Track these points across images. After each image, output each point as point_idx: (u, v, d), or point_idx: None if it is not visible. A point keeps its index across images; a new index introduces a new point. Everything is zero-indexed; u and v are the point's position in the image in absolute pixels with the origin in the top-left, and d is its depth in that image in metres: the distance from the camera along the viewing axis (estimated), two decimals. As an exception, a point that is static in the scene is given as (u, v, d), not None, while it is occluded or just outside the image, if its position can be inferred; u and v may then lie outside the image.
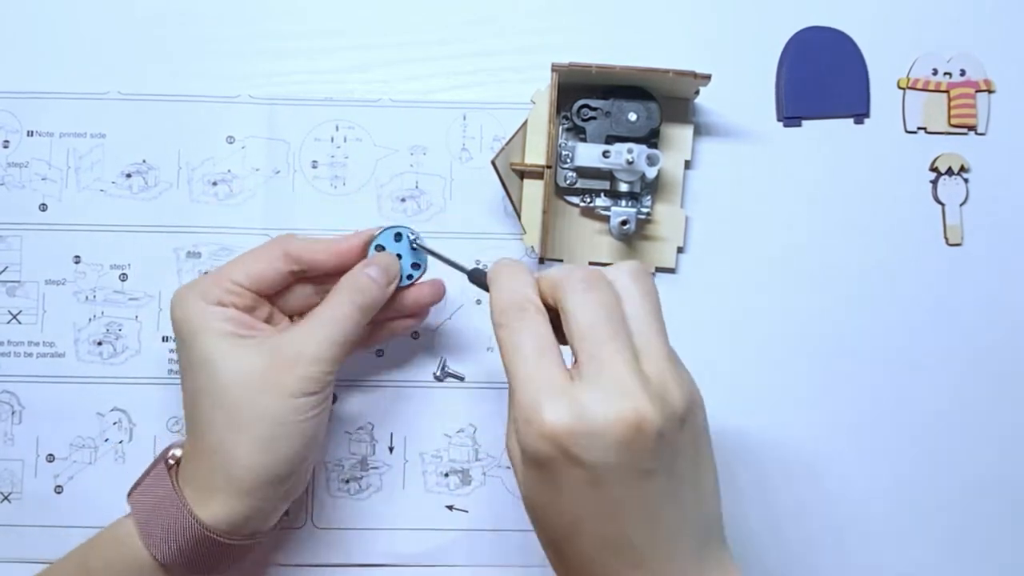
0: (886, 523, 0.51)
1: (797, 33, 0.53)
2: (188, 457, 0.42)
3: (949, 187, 0.52)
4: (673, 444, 0.33)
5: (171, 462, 0.43)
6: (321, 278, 0.45)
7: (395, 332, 0.48)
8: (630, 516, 0.33)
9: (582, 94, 0.50)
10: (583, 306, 0.35)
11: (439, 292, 0.48)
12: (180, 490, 0.41)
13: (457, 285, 0.51)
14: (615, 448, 0.32)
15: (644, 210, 0.50)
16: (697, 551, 0.34)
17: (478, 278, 0.42)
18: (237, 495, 0.41)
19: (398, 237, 0.46)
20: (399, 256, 0.46)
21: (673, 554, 0.33)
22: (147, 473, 0.43)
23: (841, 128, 0.53)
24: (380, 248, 0.46)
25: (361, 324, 0.43)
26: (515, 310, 0.36)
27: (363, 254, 0.45)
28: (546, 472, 0.33)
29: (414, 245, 0.46)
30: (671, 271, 0.52)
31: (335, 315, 0.42)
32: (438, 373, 0.50)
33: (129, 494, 0.43)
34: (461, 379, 0.51)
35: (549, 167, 0.49)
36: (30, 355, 0.50)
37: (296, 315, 0.47)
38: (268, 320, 0.45)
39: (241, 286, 0.43)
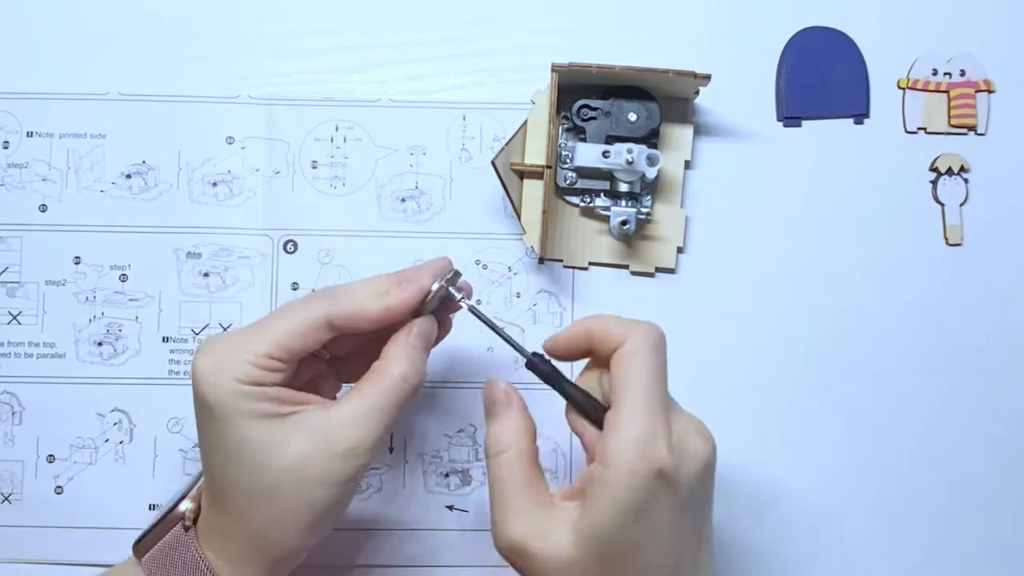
0: (886, 523, 0.51)
1: (797, 33, 0.53)
2: (216, 530, 0.40)
3: (949, 187, 0.52)
4: (712, 472, 0.38)
5: (188, 523, 0.40)
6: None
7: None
8: (689, 542, 0.37)
9: (582, 94, 0.50)
10: (652, 368, 0.38)
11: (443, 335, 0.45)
12: (209, 562, 0.39)
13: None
14: (700, 476, 0.37)
15: (644, 210, 0.50)
16: (708, 563, 0.39)
17: (537, 367, 0.41)
18: (272, 568, 0.39)
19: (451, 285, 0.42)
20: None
21: (700, 573, 0.38)
22: (160, 533, 0.41)
23: (841, 128, 0.53)
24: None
25: (410, 399, 0.40)
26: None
27: (414, 309, 0.41)
28: (638, 507, 0.35)
29: (470, 310, 0.42)
30: (671, 271, 0.52)
31: (391, 398, 0.39)
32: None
33: (140, 552, 0.41)
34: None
35: (549, 167, 0.49)
36: (30, 356, 0.50)
37: (338, 360, 0.44)
38: (305, 370, 0.42)
39: (279, 360, 0.38)
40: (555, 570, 0.36)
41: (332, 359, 0.45)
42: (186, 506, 0.41)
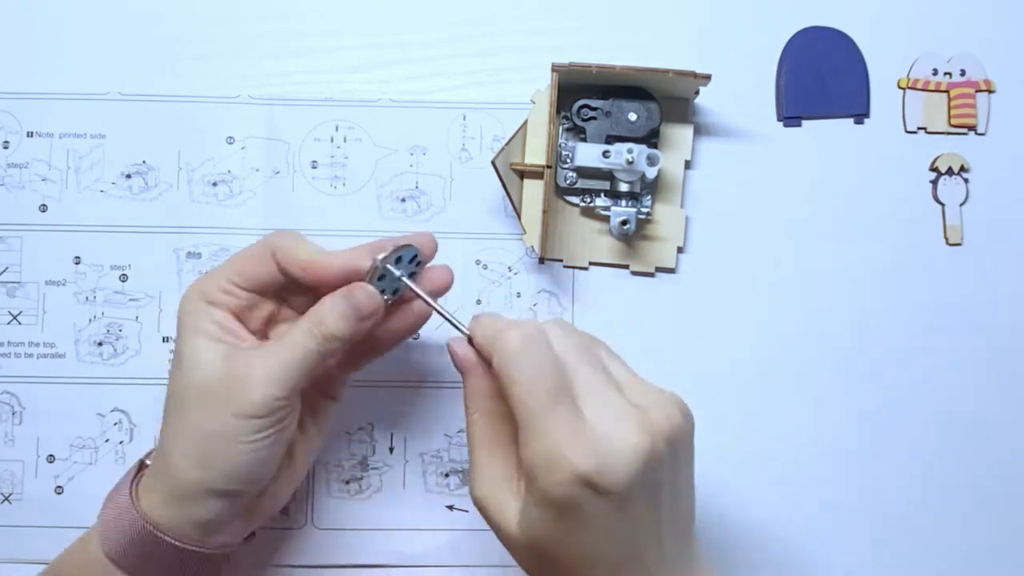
0: (885, 522, 0.51)
1: (797, 33, 0.53)
2: (153, 457, 0.42)
3: (949, 187, 0.52)
4: (674, 455, 0.36)
5: (147, 463, 0.42)
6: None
7: (378, 351, 0.45)
8: (644, 532, 0.36)
9: (582, 94, 0.50)
10: (569, 354, 0.37)
11: (420, 322, 0.45)
12: (136, 489, 0.41)
13: (458, 285, 0.51)
14: (638, 470, 0.34)
15: (644, 210, 0.50)
16: (685, 549, 0.38)
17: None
18: (176, 501, 0.40)
19: (398, 260, 0.42)
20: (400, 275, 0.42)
21: (671, 557, 0.37)
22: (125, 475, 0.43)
23: (841, 128, 0.53)
24: (382, 278, 0.41)
25: (325, 356, 0.40)
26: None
27: (349, 278, 0.41)
28: (568, 512, 0.35)
29: (403, 282, 0.42)
30: (671, 271, 0.52)
31: (294, 343, 0.40)
32: None
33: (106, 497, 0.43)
34: None
35: (549, 167, 0.49)
36: (30, 356, 0.50)
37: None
38: (271, 319, 0.43)
39: (236, 284, 0.42)
40: (505, 539, 0.38)
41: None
42: (149, 460, 0.43)
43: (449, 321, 0.41)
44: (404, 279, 0.42)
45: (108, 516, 0.41)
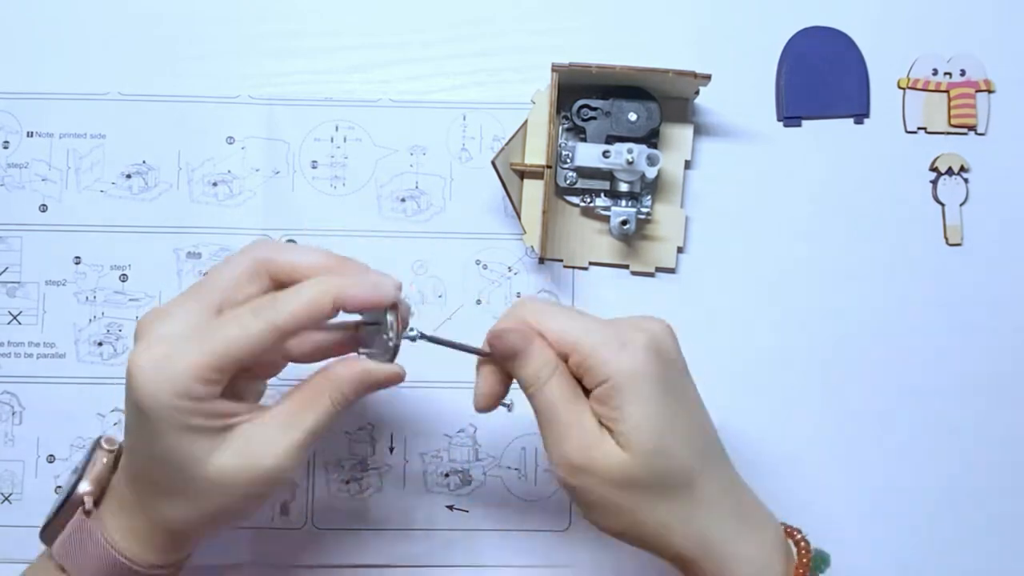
0: (883, 522, 0.51)
1: (797, 33, 0.53)
2: (124, 507, 0.40)
3: (949, 187, 0.52)
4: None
5: (88, 508, 0.40)
6: None
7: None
8: (703, 410, 0.41)
9: (582, 94, 0.50)
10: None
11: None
12: (114, 542, 0.39)
13: (458, 285, 0.51)
14: (676, 347, 0.40)
15: (644, 210, 0.50)
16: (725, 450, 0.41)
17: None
18: (174, 548, 0.40)
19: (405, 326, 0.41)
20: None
21: (723, 449, 0.41)
22: (63, 519, 0.40)
23: (841, 128, 0.53)
24: (370, 324, 0.40)
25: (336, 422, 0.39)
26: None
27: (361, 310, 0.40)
28: (657, 384, 0.38)
29: (414, 338, 0.41)
30: (671, 271, 0.52)
31: (318, 421, 0.38)
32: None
33: (48, 539, 0.41)
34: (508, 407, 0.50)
35: (549, 167, 0.49)
36: (31, 356, 0.50)
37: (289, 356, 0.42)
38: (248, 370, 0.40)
39: (220, 371, 0.36)
40: (619, 472, 0.37)
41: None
42: (84, 488, 0.40)
43: (468, 349, 0.42)
44: (417, 334, 0.42)
45: (87, 572, 0.39)
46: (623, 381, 0.37)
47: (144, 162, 0.51)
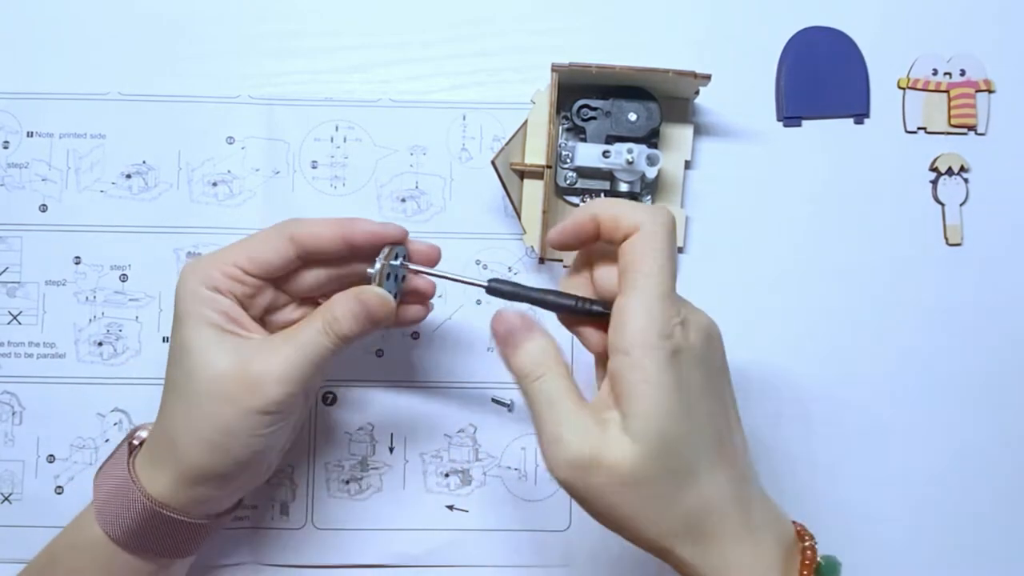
0: (884, 522, 0.51)
1: (797, 33, 0.53)
2: (150, 435, 0.43)
3: (949, 187, 0.52)
4: (723, 353, 0.40)
5: (135, 443, 0.43)
6: (331, 261, 0.44)
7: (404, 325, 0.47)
8: (719, 411, 0.38)
9: (582, 94, 0.50)
10: (667, 251, 0.38)
11: (418, 318, 0.46)
12: (135, 469, 0.42)
13: (457, 285, 0.51)
14: (705, 338, 0.38)
15: (644, 210, 0.50)
16: (746, 453, 0.40)
17: (496, 289, 0.40)
18: (183, 483, 0.41)
19: (396, 256, 0.43)
20: (396, 277, 0.43)
21: (740, 452, 0.39)
22: (112, 454, 0.44)
23: (841, 128, 0.53)
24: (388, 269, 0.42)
25: (335, 354, 0.41)
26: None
27: (371, 247, 0.42)
28: (674, 382, 0.36)
29: (401, 272, 0.43)
30: (671, 271, 0.52)
31: (309, 341, 0.40)
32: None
33: (96, 475, 0.43)
34: (509, 407, 0.50)
35: (549, 167, 0.49)
36: (31, 356, 0.50)
37: (305, 299, 0.45)
38: (270, 306, 0.44)
39: (244, 271, 0.41)
40: (629, 474, 0.35)
41: (306, 304, 0.46)
42: (141, 435, 0.44)
43: (466, 281, 0.42)
44: (422, 269, 0.43)
45: (105, 496, 0.42)
46: (641, 342, 0.36)
47: (144, 162, 0.51)
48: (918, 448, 0.51)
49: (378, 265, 0.42)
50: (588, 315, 0.39)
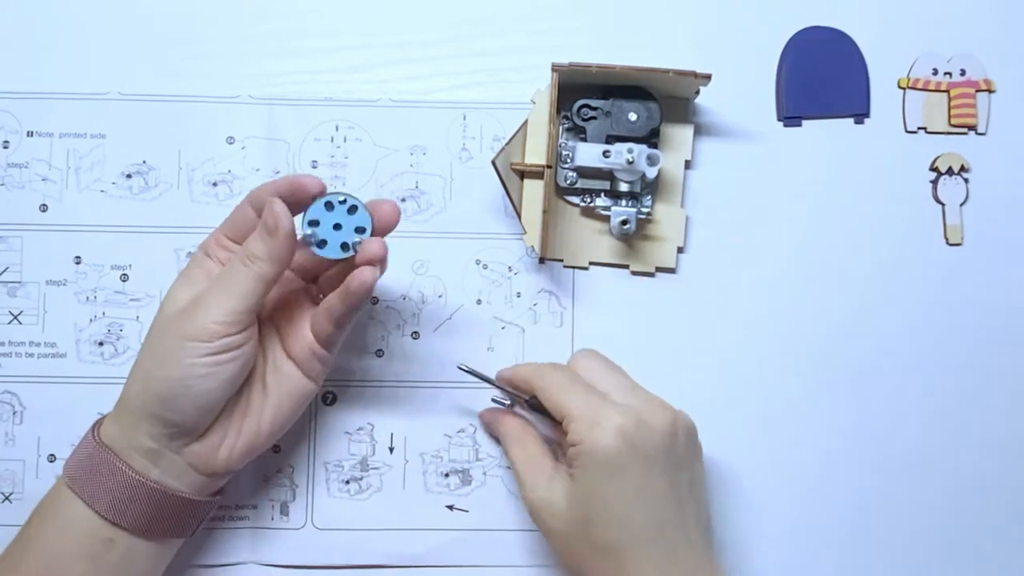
0: (882, 523, 0.51)
1: (797, 33, 0.53)
2: (123, 404, 0.44)
3: (949, 187, 0.52)
4: (691, 446, 0.44)
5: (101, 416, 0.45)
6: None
7: (354, 298, 0.43)
8: (669, 506, 0.42)
9: (582, 94, 0.50)
10: (594, 369, 0.47)
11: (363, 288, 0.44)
12: (99, 428, 0.43)
13: (458, 285, 0.51)
14: (662, 439, 0.42)
15: (644, 210, 0.50)
16: (705, 548, 0.43)
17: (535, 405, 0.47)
18: (123, 423, 0.42)
19: (329, 207, 0.43)
20: (337, 226, 0.43)
21: (693, 543, 0.42)
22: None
23: (841, 128, 0.53)
24: (313, 223, 0.43)
25: (263, 287, 0.42)
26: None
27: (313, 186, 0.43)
28: (610, 467, 0.42)
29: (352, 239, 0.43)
30: (671, 271, 0.52)
31: (229, 270, 0.42)
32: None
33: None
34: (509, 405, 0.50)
35: (549, 167, 0.49)
36: (31, 355, 0.50)
37: (313, 287, 0.48)
38: (279, 308, 0.46)
39: (227, 237, 0.44)
40: (561, 525, 0.43)
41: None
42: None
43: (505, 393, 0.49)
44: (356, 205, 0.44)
45: (73, 460, 0.43)
46: (582, 452, 0.42)
47: (144, 162, 0.51)
48: (918, 446, 0.51)
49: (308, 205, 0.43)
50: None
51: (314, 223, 0.43)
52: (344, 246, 0.43)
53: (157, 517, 0.43)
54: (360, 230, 0.43)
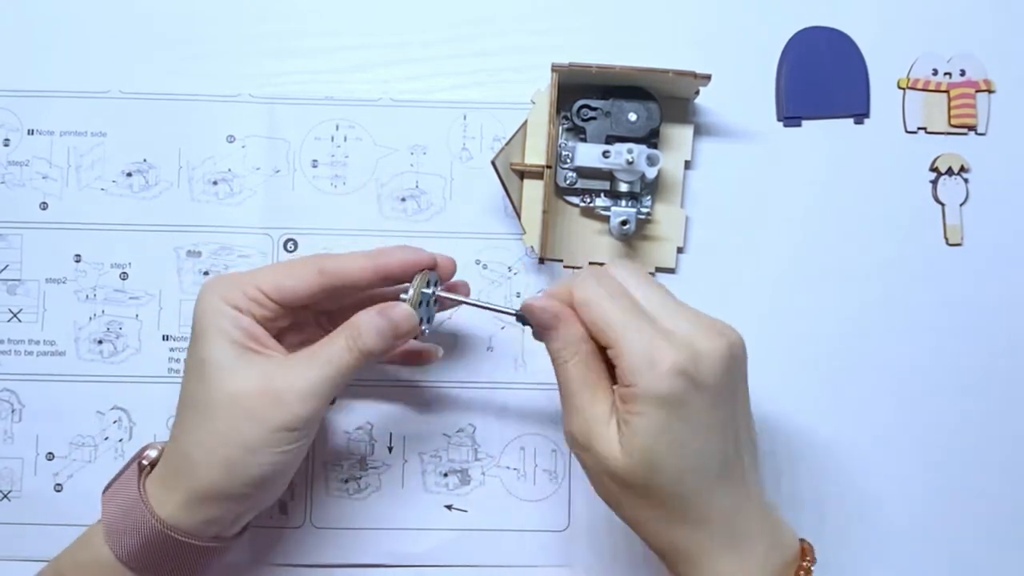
0: (886, 521, 0.51)
1: (797, 33, 0.53)
2: (164, 454, 0.42)
3: (949, 187, 0.52)
4: (742, 367, 0.41)
5: (144, 463, 0.43)
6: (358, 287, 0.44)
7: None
8: (732, 438, 0.40)
9: (582, 94, 0.50)
10: (629, 280, 0.41)
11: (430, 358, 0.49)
12: (144, 489, 0.41)
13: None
14: (724, 365, 0.39)
15: (644, 210, 0.50)
16: (756, 475, 0.41)
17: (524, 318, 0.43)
18: (195, 503, 0.41)
19: (427, 284, 0.44)
20: (428, 303, 0.44)
21: (751, 473, 0.40)
22: (120, 472, 0.43)
23: (841, 128, 0.53)
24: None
25: (358, 370, 0.42)
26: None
27: (404, 275, 0.43)
28: (672, 409, 0.38)
29: (432, 300, 0.44)
30: (671, 271, 0.52)
31: (332, 358, 0.41)
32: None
33: (104, 492, 0.43)
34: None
35: (549, 167, 0.49)
36: (30, 353, 0.50)
37: (324, 318, 0.47)
38: (289, 328, 0.45)
39: (267, 296, 0.42)
40: (611, 465, 0.39)
41: (327, 320, 0.47)
42: (151, 452, 0.43)
43: (499, 310, 0.44)
44: (447, 294, 0.45)
45: (114, 516, 0.41)
46: (640, 394, 0.38)
47: (145, 160, 0.52)
48: (918, 446, 0.51)
49: (411, 292, 0.42)
50: None
51: (419, 303, 0.43)
52: (424, 320, 0.44)
53: (193, 568, 0.42)
54: (436, 283, 0.45)
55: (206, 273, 0.51)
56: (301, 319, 0.46)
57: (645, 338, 0.38)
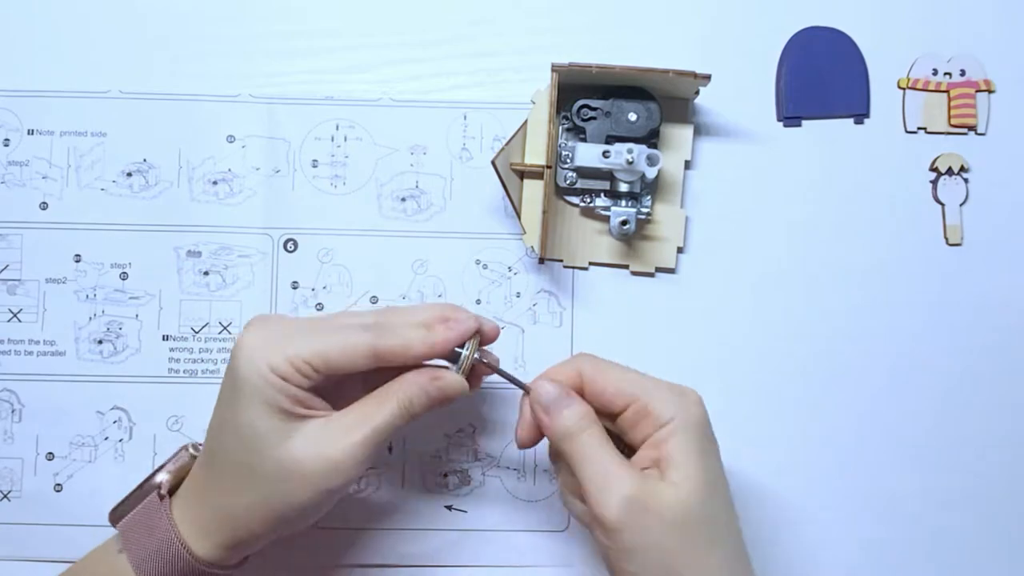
0: (885, 521, 0.51)
1: (797, 33, 0.53)
2: (194, 493, 0.42)
3: (949, 187, 0.52)
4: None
5: (163, 492, 0.42)
6: None
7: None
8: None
9: (582, 94, 0.50)
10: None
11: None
12: (177, 527, 0.41)
13: (457, 285, 0.51)
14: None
15: (644, 210, 0.50)
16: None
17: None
18: (238, 547, 0.41)
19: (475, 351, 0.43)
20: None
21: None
22: (135, 502, 0.43)
23: (841, 128, 0.53)
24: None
25: (402, 428, 0.41)
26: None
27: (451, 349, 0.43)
28: (706, 432, 0.41)
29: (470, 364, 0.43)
30: (671, 271, 0.52)
31: (384, 424, 0.41)
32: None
33: (115, 519, 0.43)
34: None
35: (549, 167, 0.49)
36: (30, 353, 0.50)
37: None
38: (334, 385, 0.43)
39: (314, 368, 0.40)
40: (675, 516, 0.38)
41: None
42: (162, 477, 0.43)
43: (520, 385, 0.43)
44: (497, 369, 0.44)
45: (146, 555, 0.41)
46: (686, 422, 0.40)
47: (145, 160, 0.52)
48: (918, 446, 0.51)
49: (463, 363, 0.42)
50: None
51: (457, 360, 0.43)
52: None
53: None
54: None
55: (206, 273, 0.51)
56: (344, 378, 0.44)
57: (663, 381, 0.41)
